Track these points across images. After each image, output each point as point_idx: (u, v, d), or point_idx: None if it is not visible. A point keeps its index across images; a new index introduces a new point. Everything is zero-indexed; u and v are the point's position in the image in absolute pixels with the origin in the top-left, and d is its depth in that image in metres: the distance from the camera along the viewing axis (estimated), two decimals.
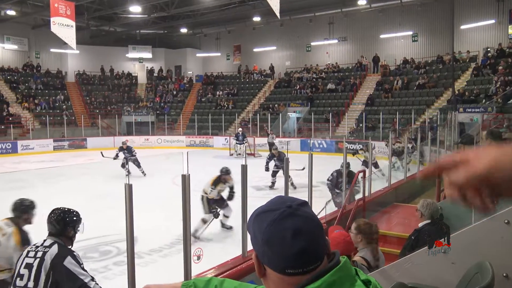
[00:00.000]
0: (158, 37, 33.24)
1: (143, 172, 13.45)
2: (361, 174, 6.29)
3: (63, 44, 23.55)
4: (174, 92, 31.45)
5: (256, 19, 27.64)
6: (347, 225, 5.10)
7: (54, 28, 18.98)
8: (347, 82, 26.10)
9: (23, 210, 3.92)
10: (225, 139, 22.84)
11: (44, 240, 2.97)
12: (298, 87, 27.42)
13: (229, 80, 31.68)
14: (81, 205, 8.94)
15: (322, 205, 5.62)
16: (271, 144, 18.50)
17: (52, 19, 18.88)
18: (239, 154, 19.17)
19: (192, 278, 3.29)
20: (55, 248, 2.86)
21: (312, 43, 29.19)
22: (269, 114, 25.35)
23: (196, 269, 3.51)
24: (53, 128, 24.67)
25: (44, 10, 21.72)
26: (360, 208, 5.93)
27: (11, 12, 25.57)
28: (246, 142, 19.48)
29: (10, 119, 24.41)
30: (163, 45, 33.79)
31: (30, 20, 27.91)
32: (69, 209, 3.15)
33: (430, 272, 2.45)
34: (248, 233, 1.06)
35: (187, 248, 3.28)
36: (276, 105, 26.71)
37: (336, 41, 28.05)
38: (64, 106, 28.02)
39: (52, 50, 30.37)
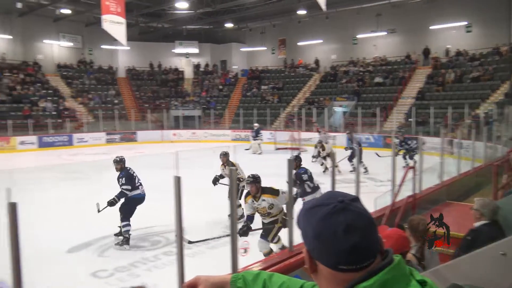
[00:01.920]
0: (204, 32, 33.72)
1: None
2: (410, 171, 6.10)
3: (114, 40, 24.37)
4: (220, 87, 31.84)
5: (301, 12, 27.36)
6: (396, 223, 4.97)
7: (105, 25, 19.68)
8: (395, 75, 25.33)
9: None
10: (270, 133, 22.87)
11: None
12: (344, 81, 26.94)
13: (274, 74, 31.64)
14: None
15: (370, 201, 5.51)
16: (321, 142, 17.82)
17: (103, 17, 19.58)
18: (247, 149, 19.28)
19: (239, 271, 3.33)
20: None
21: (359, 36, 28.53)
22: (314, 109, 25.10)
23: (243, 262, 3.54)
24: (105, 121, 25.70)
25: (96, 8, 22.56)
26: (409, 205, 5.75)
27: (66, 11, 26.83)
28: (259, 139, 19.44)
29: (66, 113, 25.67)
30: (209, 40, 34.24)
31: (83, 18, 29.13)
32: None
33: (487, 274, 2.34)
34: (296, 228, 1.05)
35: (234, 241, 3.31)
36: (321, 99, 26.39)
37: (384, 33, 27.25)
38: (115, 101, 29.14)
39: (103, 46, 31.56)
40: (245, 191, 6.18)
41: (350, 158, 12.65)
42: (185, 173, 3.44)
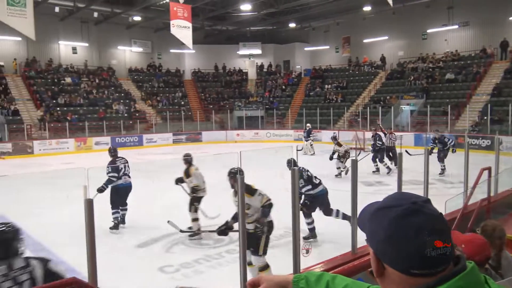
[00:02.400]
0: (267, 33, 33.96)
1: None
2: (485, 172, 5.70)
3: (181, 44, 25.31)
4: (283, 87, 31.88)
5: (367, 8, 26.65)
6: (469, 228, 4.67)
7: (173, 30, 20.49)
8: (468, 71, 23.86)
9: None
10: (334, 133, 22.49)
11: None
12: (412, 78, 25.83)
13: (338, 73, 31.10)
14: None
15: (439, 204, 5.23)
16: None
17: (171, 22, 20.41)
18: (299, 150, 18.89)
19: (301, 271, 3.31)
20: None
21: (429, 31, 27.21)
22: (380, 107, 24.32)
23: (304, 263, 3.51)
24: (172, 122, 26.74)
25: (165, 14, 23.55)
26: (483, 209, 5.39)
27: (137, 18, 28.40)
28: (311, 140, 19.12)
29: (137, 115, 27.05)
30: (272, 41, 34.43)
31: (153, 24, 30.56)
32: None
33: None
34: (360, 230, 1.02)
35: (296, 241, 3.30)
36: (387, 98, 25.52)
37: (456, 26, 25.77)
38: (182, 102, 30.24)
39: (171, 50, 32.90)
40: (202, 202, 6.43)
41: (392, 163, 12.89)
42: (247, 172, 3.48)
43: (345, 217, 6.52)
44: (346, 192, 4.14)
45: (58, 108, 24.77)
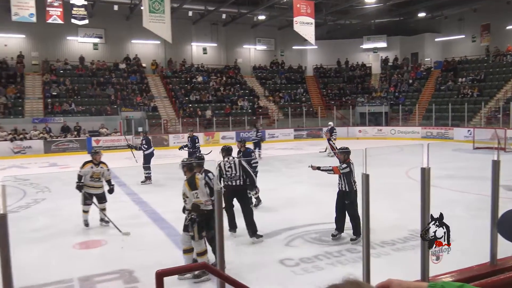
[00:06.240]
0: (393, 25, 32.27)
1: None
2: None
3: (303, 41, 25.49)
4: (410, 81, 30.05)
5: None
6: None
7: (296, 27, 20.74)
8: None
9: None
10: (468, 131, 20.53)
11: None
12: None
13: (474, 64, 28.21)
14: (312, 191, 9.49)
15: None
16: None
17: (295, 19, 20.67)
18: (322, 151, 17.40)
19: (429, 279, 3.10)
20: None
21: None
22: None
23: (434, 270, 3.26)
24: (293, 118, 27.11)
25: (288, 12, 23.93)
26: None
27: (262, 17, 29.41)
28: (333, 138, 17.29)
29: (260, 111, 28.04)
30: (399, 33, 32.63)
31: (276, 22, 31.29)
32: None
33: None
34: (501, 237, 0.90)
35: (425, 246, 3.08)
36: None
37: None
38: (303, 99, 30.48)
39: (294, 47, 33.35)
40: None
41: None
42: (372, 170, 3.36)
43: None
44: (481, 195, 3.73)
45: (190, 105, 26.95)
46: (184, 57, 30.86)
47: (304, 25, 20.73)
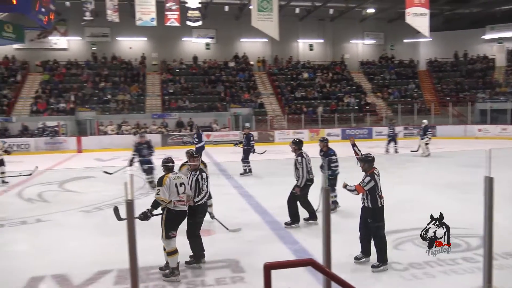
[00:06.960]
0: None
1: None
2: None
3: (416, 33, 23.98)
4: None
5: None
6: None
7: (408, 19, 19.60)
8: None
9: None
10: None
11: None
12: None
13: None
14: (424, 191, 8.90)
15: None
16: None
17: (407, 10, 19.54)
18: (414, 151, 15.76)
19: None
20: None
21: None
22: None
23: (497, 281, 2.85)
24: (404, 115, 25.74)
25: (399, 3, 22.69)
26: None
27: (371, 10, 28.41)
28: (427, 137, 15.77)
29: (367, 107, 27.14)
30: None
31: (386, 15, 29.96)
32: None
33: None
34: None
35: (490, 253, 2.71)
36: None
37: None
38: (415, 95, 28.78)
39: (405, 40, 31.62)
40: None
41: None
42: (496, 174, 3.03)
43: None
44: None
45: (295, 101, 27.12)
46: (290, 54, 31.13)
47: (418, 17, 19.49)
